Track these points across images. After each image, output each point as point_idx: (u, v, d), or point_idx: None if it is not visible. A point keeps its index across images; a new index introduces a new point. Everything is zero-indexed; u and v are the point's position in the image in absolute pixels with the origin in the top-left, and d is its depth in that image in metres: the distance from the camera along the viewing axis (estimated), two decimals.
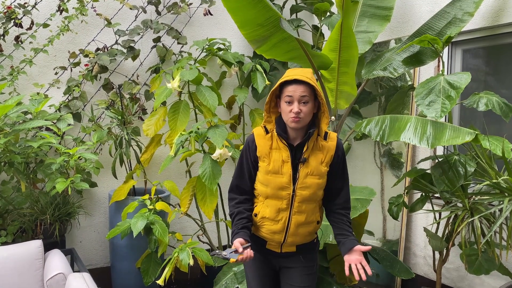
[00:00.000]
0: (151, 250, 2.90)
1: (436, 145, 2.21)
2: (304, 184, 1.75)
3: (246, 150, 1.83)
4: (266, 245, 1.87)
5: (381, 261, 2.75)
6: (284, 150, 1.76)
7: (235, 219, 1.81)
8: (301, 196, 1.76)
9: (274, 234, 1.81)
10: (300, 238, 1.83)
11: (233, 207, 1.84)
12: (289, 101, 1.70)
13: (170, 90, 3.09)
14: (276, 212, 1.78)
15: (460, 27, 2.69)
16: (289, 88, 1.70)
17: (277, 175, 1.75)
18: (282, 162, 1.75)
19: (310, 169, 1.76)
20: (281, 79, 1.73)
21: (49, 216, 2.94)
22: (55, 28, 3.27)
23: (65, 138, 3.21)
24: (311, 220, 1.82)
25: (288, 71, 1.76)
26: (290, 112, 1.70)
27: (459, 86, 2.33)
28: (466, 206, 2.43)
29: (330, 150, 1.79)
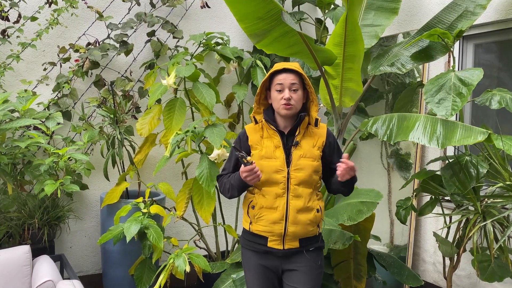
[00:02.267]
0: (145, 256, 2.90)
1: (446, 145, 2.21)
2: (298, 166, 1.89)
3: (237, 142, 1.99)
4: (267, 243, 1.90)
5: (388, 267, 2.75)
6: (274, 136, 1.93)
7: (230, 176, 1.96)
8: (296, 178, 1.89)
9: (274, 225, 1.88)
10: (301, 228, 1.89)
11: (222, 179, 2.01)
12: (280, 89, 1.89)
13: (165, 87, 3.09)
14: (273, 198, 1.88)
15: (471, 20, 2.68)
16: (279, 76, 1.90)
17: (271, 159, 1.90)
18: (274, 147, 1.92)
19: (303, 152, 1.91)
20: (271, 70, 1.93)
21: (38, 220, 2.93)
22: (43, 22, 3.27)
23: (54, 138, 3.21)
24: (310, 206, 1.91)
25: (278, 63, 1.95)
26: (281, 99, 1.88)
27: (471, 82, 2.32)
28: (478, 210, 2.43)
29: (321, 136, 1.97)
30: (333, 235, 2.37)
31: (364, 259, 2.65)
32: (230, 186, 1.95)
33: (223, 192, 2.00)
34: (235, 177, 1.91)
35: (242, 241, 2.03)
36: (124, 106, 3.29)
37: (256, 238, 1.93)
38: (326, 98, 2.94)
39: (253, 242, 1.95)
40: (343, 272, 2.64)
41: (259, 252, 1.94)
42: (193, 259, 2.71)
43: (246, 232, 2.00)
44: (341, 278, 2.65)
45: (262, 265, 1.94)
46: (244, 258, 2.02)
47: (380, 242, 3.36)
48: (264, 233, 1.91)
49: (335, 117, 2.93)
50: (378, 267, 2.89)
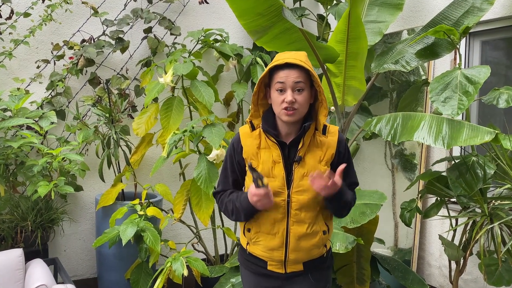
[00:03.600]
0: (141, 260, 2.90)
1: (452, 146, 2.21)
2: (301, 187, 1.62)
3: (231, 152, 1.73)
4: (267, 267, 1.71)
5: (393, 271, 2.75)
6: (274, 148, 1.64)
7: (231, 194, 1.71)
8: (298, 202, 1.63)
9: (273, 251, 1.67)
10: (304, 254, 1.68)
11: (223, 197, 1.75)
12: (281, 88, 1.58)
13: (162, 85, 3.09)
14: (271, 224, 1.65)
15: (478, 17, 2.68)
16: (280, 73, 1.57)
17: (268, 179, 1.61)
18: (272, 163, 1.63)
19: (306, 169, 1.62)
20: (271, 64, 1.60)
21: (31, 222, 2.93)
22: (37, 18, 3.27)
23: (47, 138, 3.21)
24: (315, 230, 1.67)
25: (279, 55, 1.62)
26: (283, 103, 1.57)
27: (478, 80, 2.32)
28: (485, 212, 2.43)
29: (330, 147, 1.66)
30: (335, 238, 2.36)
31: (367, 262, 2.65)
32: (234, 209, 1.68)
33: (225, 213, 1.74)
34: (241, 199, 1.63)
35: (240, 259, 1.84)
36: (120, 105, 3.28)
37: (254, 259, 1.74)
38: (328, 97, 2.94)
39: (252, 263, 1.76)
40: (346, 276, 2.64)
41: (258, 274, 1.75)
42: (191, 263, 2.71)
43: (244, 250, 1.79)
44: (343, 283, 2.65)
45: (263, 286, 1.75)
46: (242, 277, 1.84)
47: (384, 245, 3.36)
48: (263, 257, 1.71)
49: (337, 116, 2.93)
50: (382, 271, 2.89)
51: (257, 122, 1.69)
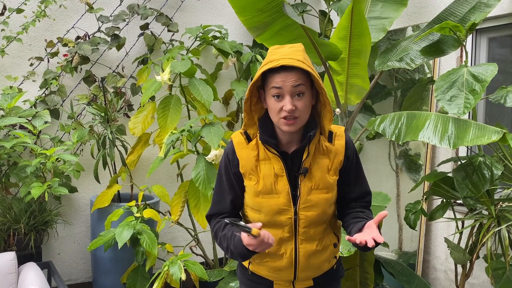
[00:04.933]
0: (138, 264, 2.90)
1: (458, 145, 2.21)
2: (309, 203, 1.48)
3: (226, 165, 1.53)
4: (273, 286, 1.59)
5: (397, 275, 2.75)
6: (275, 160, 1.47)
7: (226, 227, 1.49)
8: (306, 220, 1.49)
9: (281, 272, 1.55)
10: (314, 271, 1.58)
11: (217, 228, 1.54)
12: (278, 94, 1.39)
13: (159, 84, 3.09)
14: (277, 244, 1.50)
15: (485, 13, 2.68)
16: (276, 77, 1.38)
17: (271, 196, 1.47)
18: (275, 176, 1.47)
19: (314, 182, 1.48)
20: (263, 65, 1.40)
21: (24, 225, 2.93)
22: (30, 14, 3.27)
23: (41, 138, 3.21)
24: (325, 245, 1.56)
25: (272, 51, 1.43)
26: (281, 111, 1.39)
27: (485, 79, 2.32)
28: (493, 214, 2.43)
29: (338, 153, 1.51)
30: None
31: (371, 266, 2.65)
32: (229, 250, 1.46)
33: (220, 247, 1.53)
34: (236, 243, 1.42)
35: (242, 278, 1.67)
36: (115, 103, 3.28)
37: (258, 279, 1.60)
38: (330, 95, 2.94)
39: (256, 283, 1.61)
40: (349, 280, 2.64)
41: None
42: (189, 267, 2.71)
43: (245, 269, 1.64)
44: (346, 287, 2.65)
45: None
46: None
47: (388, 249, 3.36)
48: (269, 277, 1.58)
49: (340, 116, 2.93)
50: (386, 275, 2.89)
51: (253, 131, 1.52)
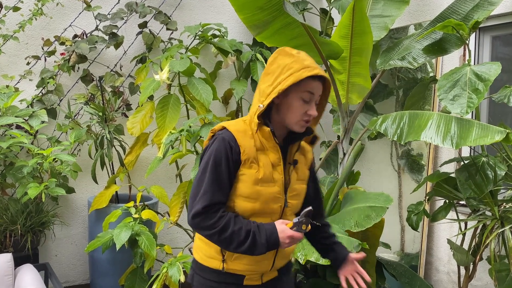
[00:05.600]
0: (136, 265, 2.90)
1: (461, 145, 2.21)
2: (295, 192, 1.63)
3: (225, 152, 1.53)
4: (243, 282, 1.62)
5: (399, 277, 2.75)
6: (272, 151, 1.59)
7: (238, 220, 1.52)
8: (292, 208, 1.63)
9: (261, 262, 1.61)
10: (285, 259, 1.70)
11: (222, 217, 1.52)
12: (308, 99, 1.55)
13: (158, 83, 3.09)
14: None
15: (489, 11, 2.68)
16: (312, 84, 1.55)
17: (269, 184, 1.56)
18: (271, 166, 1.58)
19: (298, 173, 1.65)
20: (304, 70, 1.52)
21: (20, 226, 2.93)
22: (26, 12, 3.27)
23: (38, 138, 3.21)
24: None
25: (300, 59, 1.56)
26: (305, 114, 1.56)
27: (488, 78, 2.32)
28: (496, 215, 2.43)
29: (309, 152, 1.74)
30: None
31: (372, 268, 2.65)
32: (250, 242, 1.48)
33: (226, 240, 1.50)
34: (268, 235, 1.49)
35: (200, 282, 1.65)
36: (113, 103, 3.28)
37: (228, 277, 1.61)
38: (331, 95, 2.94)
39: (223, 283, 1.61)
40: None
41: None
42: (188, 268, 2.71)
43: (209, 272, 1.62)
44: None
45: None
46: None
47: (390, 250, 3.36)
48: (243, 272, 1.60)
49: (341, 115, 2.93)
50: (388, 276, 2.89)
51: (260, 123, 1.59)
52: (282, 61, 1.56)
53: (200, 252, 1.64)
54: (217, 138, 1.57)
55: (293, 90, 1.55)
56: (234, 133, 1.56)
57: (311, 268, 2.78)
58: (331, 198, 2.72)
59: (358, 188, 2.95)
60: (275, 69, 1.56)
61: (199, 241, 1.65)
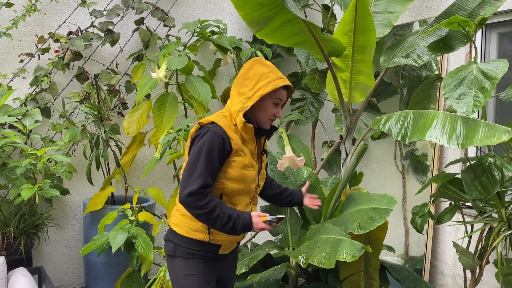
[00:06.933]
0: (132, 269, 2.90)
1: (467, 146, 2.21)
2: (262, 175, 2.10)
3: (219, 143, 1.86)
4: (218, 251, 2.00)
5: (403, 281, 2.75)
6: (250, 142, 2.01)
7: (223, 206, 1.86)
8: (260, 187, 2.10)
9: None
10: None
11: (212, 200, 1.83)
12: (277, 103, 1.99)
13: (155, 81, 3.09)
14: (244, 207, 2.00)
15: (495, 7, 2.68)
16: (282, 92, 1.98)
17: (250, 168, 1.98)
18: (251, 154, 2.01)
19: (264, 160, 2.12)
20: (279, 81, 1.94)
21: (13, 228, 2.93)
22: (20, 8, 3.27)
23: (31, 137, 3.21)
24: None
25: (275, 70, 1.97)
26: (273, 115, 2.00)
27: (495, 76, 2.32)
28: (503, 217, 2.43)
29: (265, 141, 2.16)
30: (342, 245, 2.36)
31: (376, 272, 2.65)
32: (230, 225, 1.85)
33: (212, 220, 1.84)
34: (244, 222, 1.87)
35: (184, 252, 1.97)
36: (109, 102, 3.28)
37: (209, 247, 1.98)
38: (334, 93, 2.95)
39: (205, 252, 1.98)
40: (353, 286, 2.63)
41: (209, 259, 1.99)
42: None
43: (194, 242, 1.96)
44: None
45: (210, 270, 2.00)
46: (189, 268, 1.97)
47: (394, 253, 3.36)
48: (222, 242, 1.99)
49: (343, 114, 2.93)
50: (392, 280, 2.89)
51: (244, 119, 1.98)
52: (260, 70, 1.95)
53: (185, 226, 1.96)
54: (209, 130, 1.87)
55: (268, 95, 1.94)
56: (224, 128, 1.90)
57: (312, 272, 2.78)
58: (333, 200, 2.72)
59: (361, 190, 2.95)
60: (253, 75, 1.94)
61: (183, 217, 1.96)
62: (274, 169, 2.88)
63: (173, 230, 1.99)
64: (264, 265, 2.79)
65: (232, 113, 1.97)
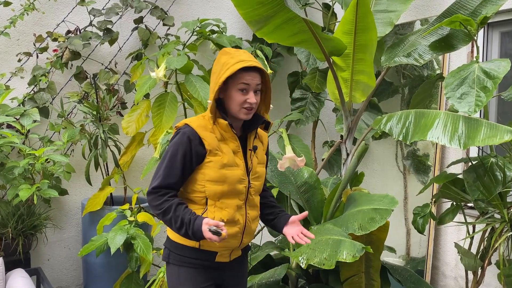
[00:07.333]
0: (131, 270, 2.90)
1: (469, 146, 2.21)
2: (257, 174, 1.95)
3: (184, 145, 1.81)
4: (215, 259, 1.90)
5: (404, 282, 2.75)
6: (231, 140, 1.89)
7: (179, 208, 1.79)
8: (254, 188, 1.95)
9: (232, 239, 1.89)
10: (251, 237, 2.00)
11: (166, 201, 1.80)
12: (244, 89, 1.82)
13: (154, 81, 3.09)
14: (234, 211, 1.87)
15: (497, 6, 2.68)
16: (246, 75, 1.81)
17: (233, 168, 1.87)
18: (233, 153, 1.88)
19: (258, 158, 1.97)
20: (236, 63, 1.80)
21: (11, 229, 2.93)
22: (18, 7, 3.27)
23: (30, 137, 3.21)
24: (258, 213, 2.01)
25: (235, 54, 1.84)
26: (245, 103, 1.83)
27: (497, 75, 2.32)
28: (505, 218, 2.43)
29: (265, 138, 2.06)
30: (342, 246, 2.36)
31: (377, 273, 2.65)
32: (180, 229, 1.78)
33: (165, 221, 1.81)
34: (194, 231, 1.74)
35: (177, 259, 1.91)
36: (108, 101, 3.28)
37: (203, 254, 1.89)
38: (334, 93, 2.94)
39: (198, 259, 1.89)
40: (354, 287, 2.63)
41: (204, 267, 1.90)
42: None
43: (185, 249, 1.89)
44: None
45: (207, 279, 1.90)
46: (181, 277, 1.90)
47: (395, 254, 3.36)
48: (217, 248, 1.88)
49: (344, 114, 2.93)
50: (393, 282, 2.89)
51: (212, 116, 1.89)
52: (222, 60, 1.85)
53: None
54: (179, 133, 1.85)
55: (230, 83, 1.83)
56: (196, 128, 1.84)
57: (313, 273, 2.78)
58: (334, 200, 2.72)
59: (362, 190, 2.95)
60: (217, 68, 1.86)
61: None
62: (274, 169, 2.87)
63: (168, 236, 1.95)
64: (264, 266, 2.79)
65: (207, 112, 1.90)
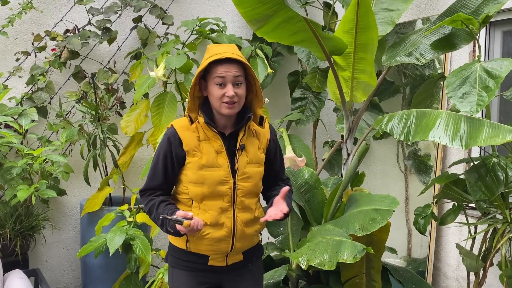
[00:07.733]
0: (130, 271, 2.90)
1: (471, 146, 2.20)
2: (245, 175, 1.85)
3: (165, 147, 1.84)
4: (208, 262, 1.87)
5: (406, 283, 2.75)
6: (214, 139, 1.83)
7: (161, 205, 1.80)
8: (243, 189, 1.85)
9: (220, 243, 1.83)
10: (248, 241, 1.91)
11: (151, 200, 1.84)
12: (221, 83, 1.76)
13: (153, 80, 3.09)
14: (217, 214, 1.82)
15: (500, 4, 2.68)
16: (220, 68, 1.75)
17: (213, 169, 1.81)
18: (215, 153, 1.82)
19: (249, 157, 1.86)
20: (209, 57, 1.76)
21: (9, 230, 2.93)
22: (16, 6, 3.27)
23: (28, 137, 3.21)
24: (257, 216, 1.91)
25: (212, 48, 1.81)
26: (223, 97, 1.76)
27: (499, 74, 2.32)
28: (507, 218, 2.43)
29: (265, 134, 1.94)
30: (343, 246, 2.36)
31: (378, 274, 2.65)
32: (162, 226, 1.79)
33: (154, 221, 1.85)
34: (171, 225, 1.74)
35: (172, 261, 1.93)
36: (107, 101, 3.28)
37: (194, 257, 1.87)
38: (335, 92, 2.94)
39: (190, 262, 1.88)
40: None
41: (196, 271, 1.89)
42: None
43: (178, 251, 1.90)
44: None
45: (199, 283, 1.89)
46: (175, 279, 1.92)
47: (396, 255, 3.35)
48: (206, 252, 1.86)
49: (345, 114, 2.93)
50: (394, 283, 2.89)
51: (194, 115, 1.86)
52: (204, 57, 1.80)
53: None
54: (165, 134, 1.87)
55: (208, 79, 1.79)
56: (178, 129, 1.83)
57: (313, 274, 2.78)
58: (335, 201, 2.72)
59: (362, 190, 2.95)
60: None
61: None
62: None
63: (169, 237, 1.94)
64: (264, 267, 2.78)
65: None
